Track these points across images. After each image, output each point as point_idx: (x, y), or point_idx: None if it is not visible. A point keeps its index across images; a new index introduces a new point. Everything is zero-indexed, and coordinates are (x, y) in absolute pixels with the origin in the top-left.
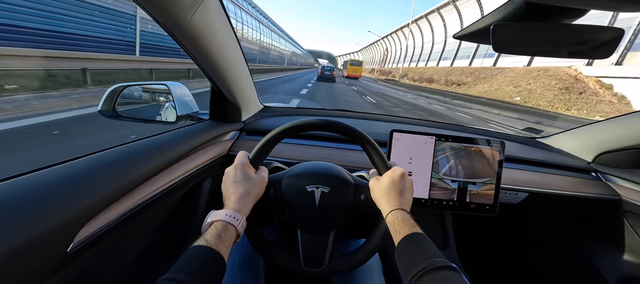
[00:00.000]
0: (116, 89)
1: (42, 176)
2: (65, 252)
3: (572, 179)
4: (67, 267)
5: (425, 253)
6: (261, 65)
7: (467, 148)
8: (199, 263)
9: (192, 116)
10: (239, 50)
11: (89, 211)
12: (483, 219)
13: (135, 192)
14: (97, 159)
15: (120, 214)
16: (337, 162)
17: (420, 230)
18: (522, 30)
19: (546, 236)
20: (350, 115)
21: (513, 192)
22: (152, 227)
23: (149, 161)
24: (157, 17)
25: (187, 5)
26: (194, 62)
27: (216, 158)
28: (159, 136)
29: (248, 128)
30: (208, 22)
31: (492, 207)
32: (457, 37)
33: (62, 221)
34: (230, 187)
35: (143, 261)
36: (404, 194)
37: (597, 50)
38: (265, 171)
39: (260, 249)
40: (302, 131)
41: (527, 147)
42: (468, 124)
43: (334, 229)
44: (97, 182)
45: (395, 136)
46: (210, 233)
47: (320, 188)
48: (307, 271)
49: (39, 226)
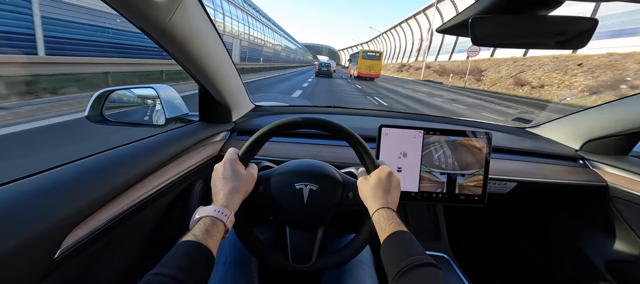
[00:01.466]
0: (103, 94)
1: (28, 183)
2: (53, 258)
3: (560, 168)
4: (55, 273)
5: (409, 251)
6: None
7: (455, 141)
8: (187, 258)
9: (181, 118)
10: (224, 49)
11: (76, 217)
12: (474, 209)
13: (124, 196)
14: (85, 165)
15: (110, 219)
16: (326, 159)
17: (405, 228)
18: (500, 23)
19: (536, 224)
20: (341, 111)
21: (502, 182)
22: (143, 230)
23: (137, 165)
24: (135, 21)
25: (164, 8)
26: (178, 65)
27: (207, 159)
28: (147, 139)
29: (239, 128)
30: (188, 24)
31: (481, 197)
32: (439, 31)
33: (48, 227)
34: (219, 183)
35: (134, 264)
36: (391, 192)
37: (575, 41)
38: (255, 168)
39: (248, 246)
40: (291, 129)
41: (516, 137)
42: (459, 116)
43: (323, 226)
44: (84, 187)
45: (384, 131)
46: (198, 228)
47: (308, 186)
48: (295, 267)
49: (24, 233)
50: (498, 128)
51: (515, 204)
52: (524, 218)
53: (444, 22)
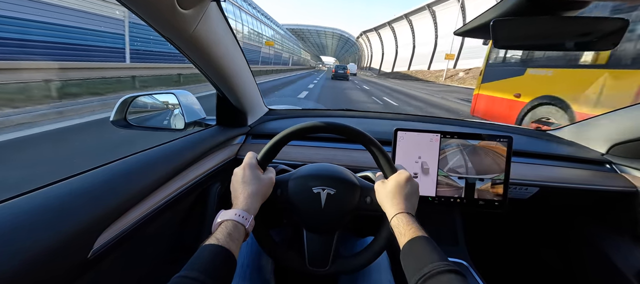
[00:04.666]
0: (127, 100)
1: (65, 186)
2: (86, 258)
3: (585, 172)
4: (88, 273)
5: (430, 257)
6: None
7: (474, 144)
8: (211, 261)
9: (199, 122)
10: (242, 56)
11: (107, 218)
12: (493, 215)
13: (149, 198)
14: (114, 168)
15: (136, 220)
16: (341, 163)
17: (426, 233)
18: (523, 25)
19: (559, 231)
20: (355, 114)
21: (523, 188)
22: (165, 231)
23: (161, 168)
24: (163, 32)
25: (190, 18)
26: (200, 71)
27: (224, 162)
28: (170, 143)
29: (254, 132)
30: (211, 33)
31: (501, 203)
32: (458, 34)
33: (82, 228)
34: (239, 186)
35: (156, 264)
36: (410, 197)
37: (601, 42)
38: (273, 172)
39: (266, 248)
40: (310, 133)
41: (536, 140)
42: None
43: (339, 230)
44: (115, 190)
45: (399, 135)
46: (220, 231)
47: (326, 190)
48: (312, 271)
49: (61, 234)
50: (518, 131)
51: (536, 209)
52: (546, 224)
53: (463, 25)
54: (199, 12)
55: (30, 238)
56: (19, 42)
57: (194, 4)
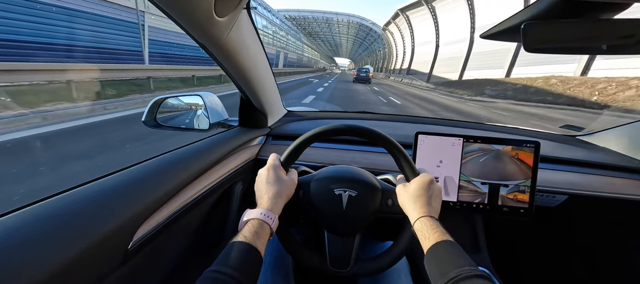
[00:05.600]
0: (157, 101)
1: (108, 181)
2: (127, 248)
3: (619, 180)
4: (129, 262)
5: (456, 261)
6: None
7: (498, 149)
8: (241, 258)
9: (222, 123)
10: (267, 61)
11: (144, 212)
12: (517, 222)
13: (180, 196)
14: (149, 166)
15: (169, 215)
16: (361, 165)
17: (450, 237)
18: (557, 29)
19: (590, 242)
20: (374, 117)
21: (550, 195)
22: (192, 227)
23: (190, 166)
24: (197, 38)
25: (223, 26)
26: (227, 74)
27: (246, 162)
28: (195, 144)
29: (274, 133)
30: (241, 40)
31: (527, 211)
32: (484, 37)
33: (124, 221)
34: (263, 187)
35: (184, 258)
36: (432, 201)
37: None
38: (295, 173)
39: (289, 248)
40: (333, 136)
41: (566, 146)
42: (498, 123)
43: (361, 232)
44: (150, 187)
45: (420, 139)
46: (247, 230)
47: (348, 192)
48: (333, 272)
49: (106, 226)
50: (545, 136)
51: (564, 218)
52: (575, 234)
53: (490, 28)
54: (232, 19)
55: (81, 227)
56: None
57: (228, 11)
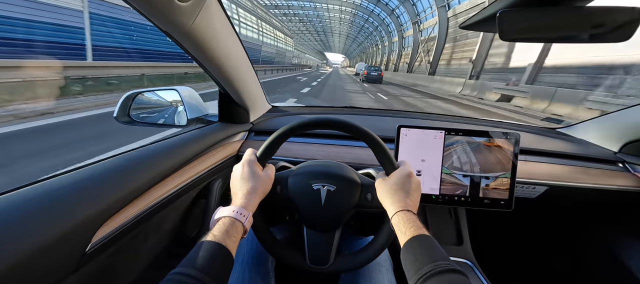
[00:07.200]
0: (130, 96)
1: (63, 180)
2: (84, 252)
3: (596, 171)
4: (85, 267)
5: (430, 256)
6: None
7: (479, 141)
8: (207, 258)
9: (202, 119)
10: (243, 52)
11: (105, 213)
12: (499, 214)
13: (149, 194)
14: (113, 163)
15: (135, 215)
16: (344, 160)
17: (427, 232)
18: (531, 17)
19: (569, 232)
20: (357, 111)
21: (531, 186)
22: (165, 227)
23: (161, 164)
24: (159, 25)
25: (188, 12)
26: (200, 67)
27: (226, 159)
28: (170, 139)
29: (256, 128)
30: (210, 27)
31: (507, 202)
32: (463, 27)
33: (80, 221)
34: (237, 183)
35: (156, 260)
36: (411, 194)
37: (615, 33)
38: (272, 169)
39: (266, 246)
40: (308, 129)
41: (546, 138)
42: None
43: (340, 228)
44: (113, 185)
45: (402, 132)
46: (217, 228)
47: (326, 187)
48: (313, 268)
49: (59, 227)
50: (525, 128)
51: (544, 209)
52: (554, 225)
53: (469, 18)
54: (198, 4)
55: (26, 231)
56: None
57: None
